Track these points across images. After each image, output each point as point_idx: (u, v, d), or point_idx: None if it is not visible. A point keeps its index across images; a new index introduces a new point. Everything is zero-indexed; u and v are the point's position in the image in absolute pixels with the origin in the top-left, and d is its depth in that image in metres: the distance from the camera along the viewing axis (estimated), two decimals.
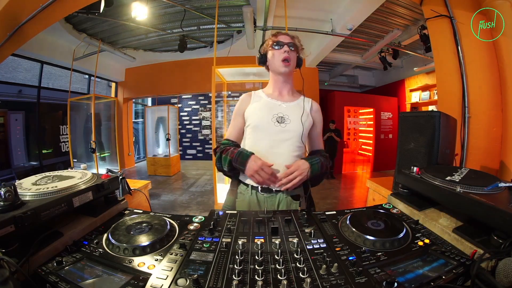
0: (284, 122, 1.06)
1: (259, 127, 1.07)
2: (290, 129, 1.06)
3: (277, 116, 1.07)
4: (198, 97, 8.61)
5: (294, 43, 1.09)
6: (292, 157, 1.05)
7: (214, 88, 2.94)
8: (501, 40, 1.79)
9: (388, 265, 0.59)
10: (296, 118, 1.07)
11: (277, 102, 1.12)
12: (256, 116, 1.09)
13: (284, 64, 1.07)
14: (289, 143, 1.05)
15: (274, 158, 1.02)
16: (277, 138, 1.05)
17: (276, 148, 1.04)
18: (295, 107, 1.12)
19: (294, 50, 1.09)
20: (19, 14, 2.00)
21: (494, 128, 1.90)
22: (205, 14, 4.14)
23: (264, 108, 1.10)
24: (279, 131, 1.05)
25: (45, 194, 0.70)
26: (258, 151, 1.03)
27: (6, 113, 4.55)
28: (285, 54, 1.06)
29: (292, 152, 1.06)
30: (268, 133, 1.05)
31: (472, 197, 0.65)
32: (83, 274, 0.57)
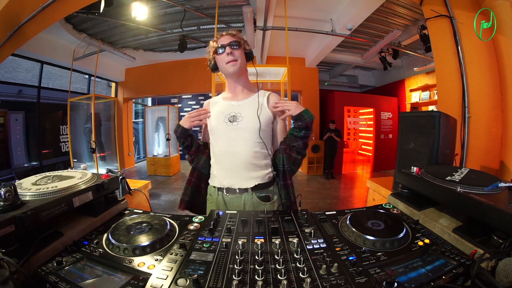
0: (236, 121, 1.06)
1: (213, 130, 1.10)
2: (243, 126, 1.05)
3: (229, 116, 1.07)
4: (198, 97, 8.61)
5: (235, 40, 1.06)
6: (252, 153, 1.04)
7: (214, 88, 2.94)
8: (501, 40, 1.79)
9: (388, 265, 0.59)
10: (249, 114, 1.06)
11: (231, 102, 1.13)
12: (211, 121, 1.11)
13: (230, 64, 1.05)
14: (245, 140, 1.04)
15: (231, 157, 1.04)
16: (231, 137, 1.05)
17: (232, 147, 1.05)
18: (248, 104, 1.10)
19: (238, 48, 1.06)
20: (19, 14, 2.00)
21: (494, 128, 1.90)
22: (205, 14, 4.13)
23: (218, 111, 1.11)
24: (231, 129, 1.05)
25: (45, 194, 0.70)
26: (216, 153, 1.08)
27: (6, 113, 4.55)
28: (228, 57, 1.04)
29: (251, 148, 1.04)
30: (222, 134, 1.07)
31: (472, 197, 0.65)
32: (83, 274, 0.57)
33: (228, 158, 1.05)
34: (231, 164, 1.04)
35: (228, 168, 1.06)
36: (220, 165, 1.08)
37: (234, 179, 1.04)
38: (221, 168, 1.08)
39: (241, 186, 1.04)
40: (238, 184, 1.04)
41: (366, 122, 8.03)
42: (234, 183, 1.04)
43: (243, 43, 1.09)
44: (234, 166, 1.04)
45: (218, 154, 1.08)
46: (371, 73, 8.10)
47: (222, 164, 1.07)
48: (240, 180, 1.04)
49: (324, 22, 4.13)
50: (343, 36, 4.23)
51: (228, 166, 1.05)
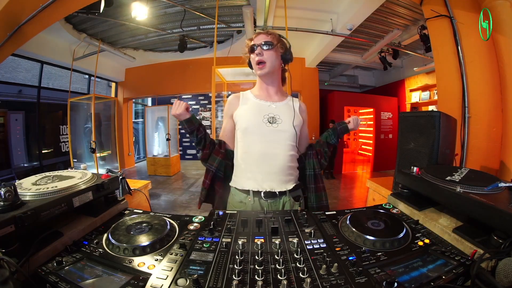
0: (276, 122, 1.04)
1: (249, 129, 1.04)
2: (283, 128, 1.04)
3: (268, 117, 1.05)
4: (198, 97, 8.61)
5: (269, 41, 1.02)
6: (288, 157, 1.03)
7: (214, 88, 2.94)
8: (501, 40, 1.79)
9: (388, 265, 0.59)
10: (287, 118, 1.06)
11: (266, 103, 1.09)
12: (246, 119, 1.06)
13: (259, 67, 1.04)
14: (283, 143, 1.03)
15: (270, 159, 1.01)
16: (270, 139, 1.02)
17: (271, 149, 1.02)
18: (284, 107, 1.10)
19: (271, 49, 1.02)
20: (19, 14, 2.00)
21: (494, 128, 1.90)
22: (205, 14, 4.14)
23: (253, 109, 1.07)
24: (272, 131, 1.03)
25: (45, 194, 0.70)
26: (252, 154, 1.02)
27: (6, 113, 4.55)
28: (257, 57, 1.02)
29: (288, 151, 1.04)
30: (261, 134, 1.03)
31: (472, 197, 0.65)
32: (83, 274, 0.57)
33: (267, 161, 1.01)
34: (271, 166, 1.01)
35: (267, 171, 1.01)
36: (257, 167, 1.02)
37: (274, 182, 1.01)
38: (258, 170, 1.02)
39: (282, 189, 1.02)
40: (278, 187, 1.01)
41: (366, 122, 8.03)
42: (274, 186, 1.01)
43: (277, 43, 1.04)
44: (273, 168, 1.01)
45: (254, 156, 1.02)
46: (371, 73, 8.10)
47: (259, 166, 1.02)
48: (280, 183, 1.02)
49: (324, 22, 4.13)
50: (343, 36, 4.23)
51: (267, 169, 1.01)
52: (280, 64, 1.09)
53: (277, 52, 1.05)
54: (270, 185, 1.01)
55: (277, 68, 1.08)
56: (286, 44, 1.09)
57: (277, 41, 1.04)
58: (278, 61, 1.07)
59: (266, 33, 1.05)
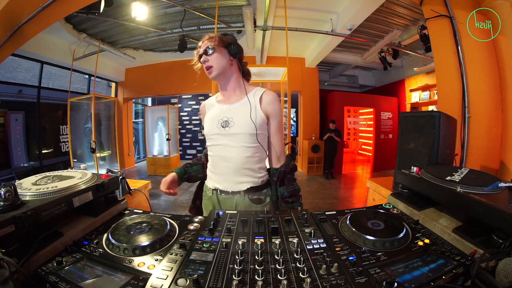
0: (228, 126, 1.04)
1: (208, 135, 1.10)
2: (234, 131, 1.02)
3: (222, 121, 1.05)
4: (198, 97, 8.60)
5: (209, 45, 1.02)
6: (244, 158, 1.02)
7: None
8: (501, 40, 1.79)
9: (388, 265, 0.59)
10: (241, 118, 1.03)
11: (224, 106, 1.09)
12: (206, 126, 1.11)
13: (207, 72, 1.05)
14: (236, 145, 1.02)
15: (223, 162, 1.05)
16: (223, 143, 1.04)
17: (225, 152, 1.04)
18: (241, 106, 1.05)
19: (214, 52, 1.02)
20: (19, 14, 2.00)
21: (494, 128, 1.90)
22: (205, 14, 4.13)
23: (211, 116, 1.10)
24: (224, 135, 1.04)
25: (45, 194, 0.70)
26: (212, 157, 1.10)
27: (6, 113, 4.55)
28: (204, 64, 1.04)
29: (243, 153, 1.02)
30: (215, 139, 1.07)
31: (472, 197, 0.65)
32: (83, 274, 0.57)
33: (221, 163, 1.06)
34: (224, 168, 1.05)
35: (221, 172, 1.07)
36: (215, 169, 1.09)
37: (227, 183, 1.06)
38: (215, 171, 1.09)
39: (234, 189, 1.05)
40: (231, 187, 1.05)
41: (366, 122, 8.03)
42: (227, 186, 1.06)
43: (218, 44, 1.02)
44: (227, 170, 1.05)
45: (212, 159, 1.10)
46: (371, 73, 8.09)
47: (216, 168, 1.09)
48: (233, 184, 1.05)
49: (324, 22, 4.13)
50: (343, 36, 4.23)
51: (222, 170, 1.06)
52: (229, 61, 1.05)
53: (221, 52, 1.03)
54: (223, 185, 1.06)
55: (227, 67, 1.06)
56: (229, 38, 1.07)
57: (218, 42, 1.03)
58: (225, 59, 1.04)
59: (208, 39, 1.04)
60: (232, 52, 1.05)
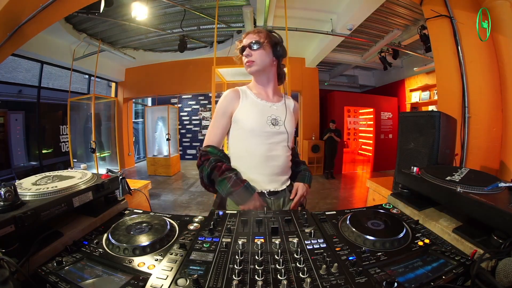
0: (277, 124, 1.04)
1: (255, 131, 1.01)
2: (284, 130, 1.05)
3: (271, 118, 1.04)
4: (198, 97, 8.61)
5: (256, 40, 1.00)
6: (286, 158, 1.08)
7: (214, 88, 2.94)
8: (501, 40, 1.79)
9: (388, 265, 0.59)
10: (286, 119, 1.07)
11: (267, 103, 1.07)
12: (250, 119, 1.01)
13: (247, 65, 1.03)
14: (283, 145, 1.05)
15: (272, 161, 1.03)
16: (273, 141, 1.03)
17: (273, 151, 1.03)
18: (282, 108, 1.09)
19: (260, 48, 1.00)
20: (19, 14, 2.00)
21: (494, 128, 1.90)
22: (205, 14, 4.14)
23: (256, 109, 1.03)
24: (275, 133, 1.03)
25: (45, 194, 0.69)
26: (256, 156, 1.02)
27: (6, 113, 4.55)
28: (246, 58, 1.02)
29: (286, 153, 1.08)
30: (265, 136, 1.02)
31: (472, 197, 0.65)
32: (83, 274, 0.57)
33: (269, 162, 1.02)
34: (273, 168, 1.03)
35: (269, 172, 1.03)
36: (260, 169, 1.02)
37: (277, 183, 1.05)
38: (261, 172, 1.02)
39: (283, 188, 1.07)
40: (280, 186, 1.06)
41: (366, 122, 8.03)
42: (277, 186, 1.05)
43: (265, 41, 1.00)
44: (275, 170, 1.04)
45: (258, 158, 1.01)
46: (371, 73, 8.09)
47: (263, 168, 1.02)
48: (281, 183, 1.07)
49: (324, 22, 4.13)
50: (343, 36, 4.23)
51: (270, 170, 1.03)
52: (272, 61, 1.04)
53: (266, 50, 1.01)
54: (274, 186, 1.05)
55: (269, 66, 1.05)
56: (277, 38, 1.05)
57: (265, 39, 1.01)
58: (269, 58, 1.03)
59: (255, 32, 1.02)
60: (277, 54, 1.05)
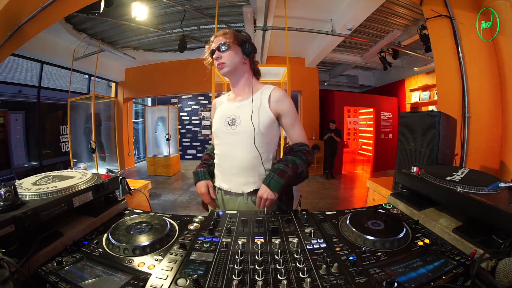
0: (234, 124, 1.02)
1: (216, 133, 1.09)
2: (240, 130, 1.01)
3: (229, 119, 1.04)
4: (198, 97, 8.61)
5: (224, 41, 1.00)
6: (250, 159, 1.00)
7: (214, 88, 2.94)
8: (501, 40, 1.79)
9: (388, 265, 0.59)
10: (247, 117, 1.00)
11: (233, 104, 1.09)
12: (214, 123, 1.11)
13: (219, 67, 1.03)
14: (241, 145, 1.01)
15: (231, 162, 1.03)
16: (229, 142, 1.03)
17: (230, 151, 1.03)
18: (248, 105, 1.03)
19: (228, 49, 1.00)
20: (19, 14, 2.00)
21: (494, 128, 1.90)
22: (205, 14, 4.14)
23: (220, 113, 1.10)
24: (230, 134, 1.03)
25: (45, 194, 0.70)
26: (218, 155, 1.09)
27: (6, 113, 4.55)
28: (216, 61, 1.02)
29: (248, 153, 1.00)
30: (222, 137, 1.06)
31: (472, 197, 0.65)
32: (83, 274, 0.57)
33: (227, 162, 1.05)
34: (229, 168, 1.04)
35: (226, 172, 1.06)
36: (220, 168, 1.08)
37: (231, 183, 1.04)
38: (221, 170, 1.08)
39: (237, 191, 1.04)
40: (235, 188, 1.04)
41: (366, 122, 8.03)
42: (231, 187, 1.04)
43: (232, 42, 1.00)
44: (232, 170, 1.04)
45: (218, 157, 1.09)
46: (371, 73, 8.09)
47: (222, 167, 1.08)
48: (237, 184, 1.03)
49: (324, 22, 4.12)
50: (343, 36, 4.23)
51: (227, 170, 1.05)
52: (242, 59, 1.04)
53: (235, 50, 1.01)
54: (227, 186, 1.06)
55: (239, 65, 1.04)
56: (244, 36, 1.05)
57: (232, 39, 1.01)
58: (238, 57, 1.03)
59: (222, 34, 1.02)
60: (247, 51, 1.04)
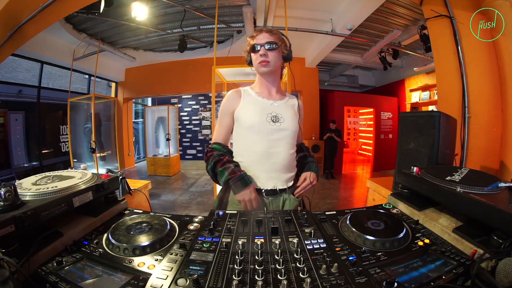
0: (278, 121, 1.05)
1: (254, 127, 1.03)
2: (285, 127, 1.05)
3: (271, 116, 1.05)
4: (198, 97, 8.60)
5: (273, 41, 1.01)
6: (289, 155, 1.06)
7: (214, 88, 2.94)
8: (501, 40, 1.79)
9: (388, 265, 0.59)
10: (288, 116, 1.07)
11: (269, 101, 1.09)
12: (250, 117, 1.04)
13: (261, 64, 1.03)
14: (285, 142, 1.05)
15: (273, 158, 1.03)
16: (273, 138, 1.03)
17: (273, 147, 1.03)
18: (285, 106, 1.11)
19: (275, 48, 1.02)
20: (19, 14, 2.00)
21: (494, 128, 1.90)
22: (205, 14, 4.13)
23: (256, 107, 1.06)
24: (275, 130, 1.03)
25: (45, 194, 0.69)
26: (256, 152, 1.03)
27: (6, 113, 4.55)
28: (261, 58, 1.01)
29: (289, 150, 1.06)
30: (265, 133, 1.02)
31: (472, 197, 0.65)
32: (83, 274, 0.57)
33: (270, 159, 1.02)
34: (273, 165, 1.02)
35: (269, 169, 1.03)
36: (261, 166, 1.03)
37: (277, 180, 1.03)
38: (261, 169, 1.03)
39: (283, 186, 1.04)
40: (280, 185, 1.04)
41: (366, 122, 8.03)
42: (277, 184, 1.03)
43: (281, 45, 1.04)
44: (276, 167, 1.03)
45: (258, 154, 1.02)
46: (371, 73, 8.10)
47: (263, 165, 1.03)
48: (282, 181, 1.04)
49: (324, 22, 4.12)
50: (343, 36, 4.23)
51: (270, 167, 1.03)
52: (281, 63, 1.10)
53: (280, 52, 1.05)
54: (273, 183, 1.03)
55: (279, 68, 1.10)
56: (289, 42, 1.08)
57: (281, 41, 1.04)
58: (280, 61, 1.07)
59: (269, 32, 1.03)
60: (287, 57, 1.09)
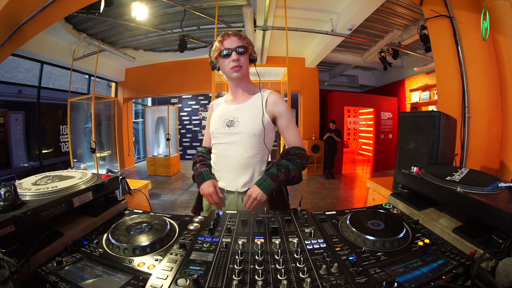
0: (233, 125, 1.06)
1: (213, 133, 1.12)
2: (238, 131, 1.04)
3: (227, 121, 1.08)
4: (198, 97, 8.61)
5: (242, 45, 1.01)
6: (244, 159, 1.04)
7: (214, 88, 2.94)
8: (501, 40, 1.79)
9: (388, 265, 0.59)
10: (245, 119, 1.05)
11: (231, 106, 1.12)
12: (212, 124, 1.14)
13: (234, 70, 1.03)
14: (238, 145, 1.04)
15: (224, 160, 1.07)
16: (226, 142, 1.07)
17: (226, 151, 1.07)
18: (247, 108, 1.08)
19: (245, 52, 1.03)
20: (19, 14, 2.00)
21: (494, 128, 1.90)
22: (205, 14, 4.13)
23: (218, 115, 1.13)
24: (227, 134, 1.06)
25: (45, 194, 0.70)
26: (215, 154, 1.12)
27: (6, 113, 4.55)
28: (234, 63, 1.01)
29: (243, 154, 1.03)
30: (220, 137, 1.09)
31: (472, 197, 0.65)
32: (83, 274, 0.57)
33: (223, 161, 1.08)
34: (225, 166, 1.08)
35: (222, 170, 1.09)
36: (217, 166, 1.12)
37: (226, 181, 1.08)
38: (217, 169, 1.12)
39: (231, 189, 1.07)
40: (229, 186, 1.07)
41: (366, 122, 8.03)
42: (226, 184, 1.08)
43: (250, 48, 1.06)
44: (227, 168, 1.07)
45: (215, 156, 1.12)
46: (371, 73, 8.09)
47: (218, 165, 1.11)
48: (232, 182, 1.07)
49: (324, 22, 4.13)
50: (343, 36, 4.23)
51: (222, 168, 1.09)
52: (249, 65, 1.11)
53: (248, 55, 1.07)
54: (223, 183, 1.08)
55: (247, 70, 1.11)
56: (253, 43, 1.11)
57: (250, 45, 1.06)
58: (248, 63, 1.09)
59: (238, 35, 1.03)
60: (254, 59, 1.11)
